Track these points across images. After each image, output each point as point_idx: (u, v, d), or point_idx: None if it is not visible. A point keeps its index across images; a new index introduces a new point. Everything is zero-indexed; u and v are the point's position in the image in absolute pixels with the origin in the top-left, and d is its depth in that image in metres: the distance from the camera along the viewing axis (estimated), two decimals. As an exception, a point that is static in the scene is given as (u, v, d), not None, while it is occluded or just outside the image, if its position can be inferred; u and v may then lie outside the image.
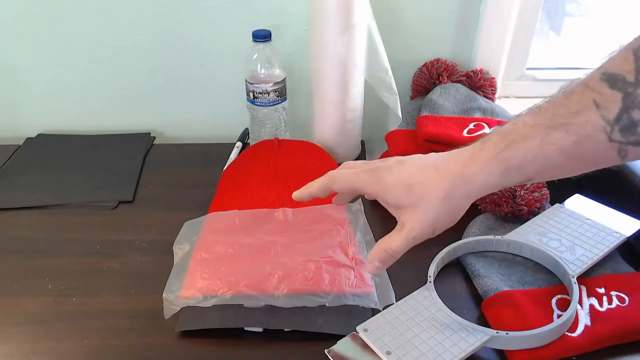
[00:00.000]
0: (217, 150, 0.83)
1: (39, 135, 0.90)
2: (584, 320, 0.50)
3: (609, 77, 0.37)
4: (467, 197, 0.43)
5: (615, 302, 0.52)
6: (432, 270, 0.56)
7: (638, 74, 0.36)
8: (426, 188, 0.43)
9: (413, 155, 0.46)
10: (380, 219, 0.68)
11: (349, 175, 0.47)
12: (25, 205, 0.72)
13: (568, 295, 0.53)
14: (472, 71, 0.85)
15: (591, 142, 0.38)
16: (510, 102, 0.93)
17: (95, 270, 0.60)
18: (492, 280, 0.55)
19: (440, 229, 0.45)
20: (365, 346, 0.48)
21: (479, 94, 0.84)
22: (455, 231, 0.63)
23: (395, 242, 0.45)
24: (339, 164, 0.77)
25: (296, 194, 0.51)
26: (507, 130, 0.41)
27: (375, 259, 0.46)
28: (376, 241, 0.62)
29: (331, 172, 0.49)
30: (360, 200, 0.69)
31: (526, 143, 0.40)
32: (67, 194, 0.74)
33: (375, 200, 0.71)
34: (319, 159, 0.77)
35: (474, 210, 0.67)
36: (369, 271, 0.48)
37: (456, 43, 0.87)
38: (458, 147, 0.45)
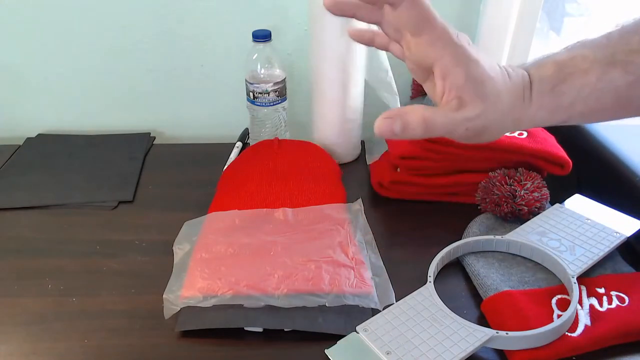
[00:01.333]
0: (217, 150, 0.83)
1: (39, 135, 0.90)
2: (584, 320, 0.50)
3: None
4: (515, 123, 0.41)
5: (615, 302, 0.52)
6: (432, 270, 0.56)
7: None
8: (496, 92, 0.40)
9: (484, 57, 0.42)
10: (380, 219, 0.68)
11: (435, 15, 0.41)
12: (25, 205, 0.72)
13: (568, 295, 0.53)
14: (472, 71, 0.85)
15: None
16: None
17: (95, 270, 0.60)
18: (492, 280, 0.55)
19: (484, 137, 0.41)
20: (365, 346, 0.48)
21: (479, 94, 0.84)
22: (455, 231, 0.64)
23: (443, 120, 0.39)
24: (339, 164, 0.78)
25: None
26: (564, 62, 0.39)
27: (403, 121, 0.38)
28: (376, 241, 0.63)
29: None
30: (360, 200, 0.70)
31: (583, 78, 0.38)
32: (67, 194, 0.74)
33: (376, 201, 0.72)
34: (319, 159, 0.77)
35: (474, 210, 0.67)
36: (378, 128, 0.39)
37: (456, 43, 0.86)
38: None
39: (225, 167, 0.78)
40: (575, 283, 0.52)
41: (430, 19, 0.40)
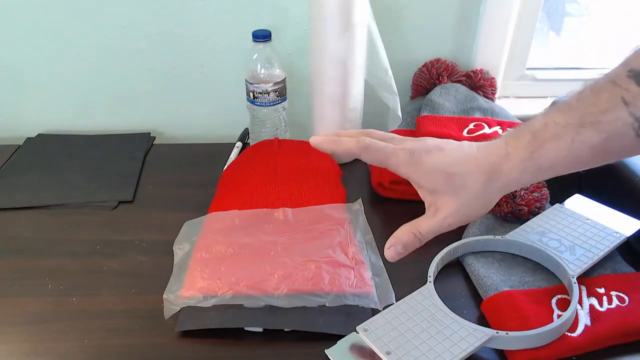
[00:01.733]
0: (217, 150, 0.83)
1: (39, 135, 0.90)
2: (584, 320, 0.50)
3: (636, 74, 0.38)
4: (501, 191, 0.44)
5: (615, 302, 0.52)
6: (432, 270, 0.56)
7: None
8: (465, 179, 0.44)
9: (449, 141, 0.46)
10: (380, 219, 0.68)
11: (385, 152, 0.45)
12: (25, 205, 0.72)
13: (568, 295, 0.53)
14: (472, 71, 0.85)
15: (620, 139, 0.39)
16: (510, 102, 0.93)
17: (95, 270, 0.60)
18: (492, 280, 0.55)
19: (472, 219, 0.46)
20: (365, 346, 0.48)
21: (479, 94, 0.84)
22: (455, 231, 0.63)
23: (427, 226, 0.45)
24: (339, 164, 0.78)
25: (315, 141, 0.49)
26: (539, 129, 0.42)
27: (400, 242, 0.46)
28: (376, 241, 0.63)
29: (364, 138, 0.45)
30: (360, 200, 0.70)
31: (558, 143, 0.41)
32: (67, 194, 0.74)
33: (376, 201, 0.72)
34: (319, 159, 0.77)
35: (474, 210, 0.67)
36: (388, 256, 0.47)
37: (456, 43, 0.87)
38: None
39: (225, 167, 0.78)
40: (575, 283, 0.52)
41: (386, 156, 0.45)
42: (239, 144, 0.85)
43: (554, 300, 0.53)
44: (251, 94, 0.78)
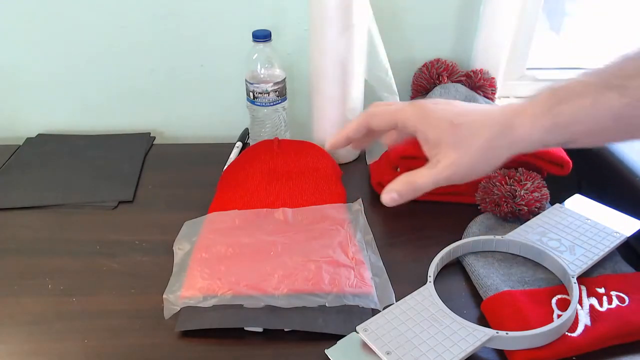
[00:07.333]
0: (217, 150, 0.83)
1: (39, 135, 0.90)
2: (584, 320, 0.50)
3: None
4: (509, 148, 0.42)
5: (615, 302, 0.52)
6: (432, 270, 0.56)
7: None
8: (472, 130, 0.42)
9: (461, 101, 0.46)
10: (380, 219, 0.68)
11: (390, 110, 0.45)
12: (25, 205, 0.72)
13: (568, 295, 0.53)
14: (472, 71, 0.85)
15: None
16: (510, 102, 0.93)
17: (95, 270, 0.60)
18: (492, 280, 0.55)
19: (473, 176, 0.44)
20: (365, 346, 0.48)
21: (479, 94, 0.84)
22: (455, 231, 0.64)
23: (423, 177, 0.44)
24: (339, 164, 0.78)
25: (331, 141, 0.49)
26: (560, 87, 0.41)
27: (395, 189, 0.45)
28: (376, 241, 0.63)
29: (368, 110, 0.47)
30: (360, 200, 0.70)
31: (578, 101, 0.39)
32: (67, 194, 0.74)
33: (376, 201, 0.72)
34: (319, 159, 0.77)
35: (474, 210, 0.67)
36: (384, 200, 0.46)
37: (456, 43, 0.87)
38: None
39: (225, 167, 0.78)
40: (575, 283, 0.52)
41: (393, 114, 0.45)
42: (239, 144, 0.85)
43: (554, 300, 0.53)
44: (251, 94, 0.78)
